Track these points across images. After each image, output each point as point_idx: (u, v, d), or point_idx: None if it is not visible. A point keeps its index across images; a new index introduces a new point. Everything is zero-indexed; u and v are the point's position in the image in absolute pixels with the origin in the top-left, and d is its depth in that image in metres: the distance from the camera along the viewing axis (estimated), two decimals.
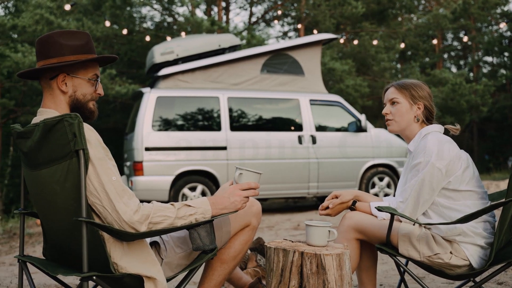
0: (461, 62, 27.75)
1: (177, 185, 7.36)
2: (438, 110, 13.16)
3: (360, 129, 8.20)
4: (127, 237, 1.79)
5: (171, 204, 1.90)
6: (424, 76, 17.23)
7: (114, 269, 1.80)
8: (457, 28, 21.63)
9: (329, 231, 2.07)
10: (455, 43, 26.58)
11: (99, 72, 2.00)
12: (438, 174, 2.17)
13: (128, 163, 7.91)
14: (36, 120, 1.90)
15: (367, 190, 8.28)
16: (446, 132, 2.41)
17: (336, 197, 2.43)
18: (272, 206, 10.28)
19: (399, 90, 2.37)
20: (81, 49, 1.91)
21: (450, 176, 2.19)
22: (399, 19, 20.97)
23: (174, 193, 7.33)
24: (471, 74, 25.07)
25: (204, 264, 2.20)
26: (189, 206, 1.91)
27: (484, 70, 26.63)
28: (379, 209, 2.12)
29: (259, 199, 9.36)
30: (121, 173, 8.62)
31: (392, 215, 2.14)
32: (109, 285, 1.82)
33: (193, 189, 7.46)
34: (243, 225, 2.16)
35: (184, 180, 7.41)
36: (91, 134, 1.79)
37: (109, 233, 1.80)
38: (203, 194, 7.42)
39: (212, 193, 7.27)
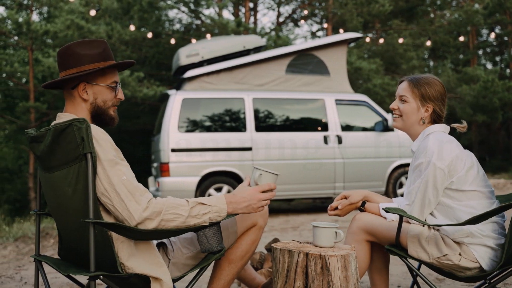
0: (497, 58, 26.92)
1: (203, 186, 7.43)
2: (470, 108, 12.62)
3: (386, 128, 8.09)
4: (136, 234, 1.83)
5: (186, 200, 1.91)
6: (456, 73, 16.83)
7: (122, 269, 1.84)
8: (491, 24, 21.02)
9: (335, 232, 2.07)
10: (490, 39, 25.80)
11: (118, 78, 2.05)
12: (440, 174, 2.14)
13: (155, 164, 8.04)
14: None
15: (394, 190, 8.18)
16: (453, 131, 2.36)
17: (345, 198, 2.43)
18: (299, 206, 10.25)
19: (411, 89, 2.33)
20: (98, 57, 1.97)
21: (453, 176, 2.16)
22: (432, 15, 20.54)
23: (200, 194, 7.41)
24: (508, 71, 24.30)
25: (212, 264, 2.24)
26: (204, 204, 1.91)
27: None
28: (387, 210, 2.11)
29: (284, 200, 9.35)
30: (149, 174, 8.77)
31: (401, 217, 2.12)
32: (116, 285, 1.87)
33: (219, 189, 7.52)
34: (250, 225, 2.19)
35: (210, 180, 7.48)
36: (102, 137, 1.84)
37: (117, 232, 1.84)
38: None
39: None
